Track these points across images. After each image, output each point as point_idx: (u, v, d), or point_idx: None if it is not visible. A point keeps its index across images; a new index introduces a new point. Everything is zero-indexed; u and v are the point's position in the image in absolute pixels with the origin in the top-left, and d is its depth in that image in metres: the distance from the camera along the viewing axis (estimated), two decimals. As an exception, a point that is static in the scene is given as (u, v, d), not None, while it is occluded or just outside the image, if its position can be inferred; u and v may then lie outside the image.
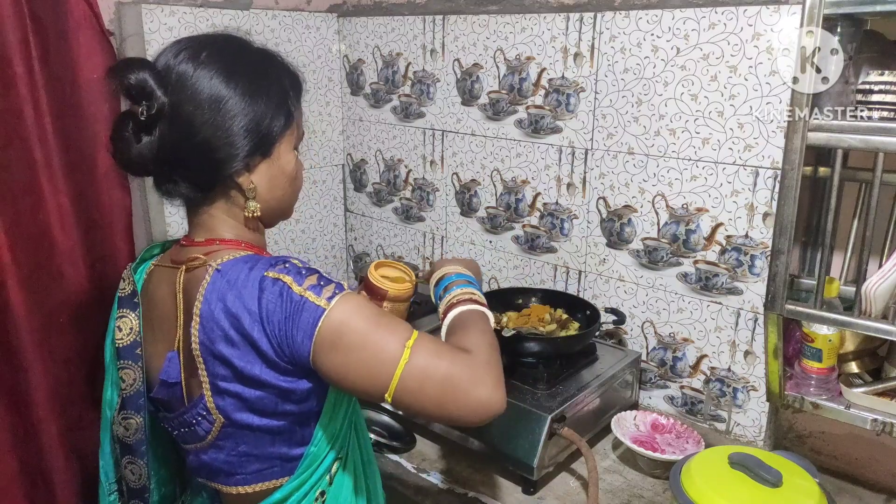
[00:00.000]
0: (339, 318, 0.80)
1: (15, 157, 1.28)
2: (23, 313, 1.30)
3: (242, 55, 0.90)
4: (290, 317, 0.80)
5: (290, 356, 0.81)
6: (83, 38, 1.36)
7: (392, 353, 0.80)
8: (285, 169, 0.92)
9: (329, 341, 0.80)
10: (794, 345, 1.25)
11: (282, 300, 0.80)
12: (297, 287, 0.81)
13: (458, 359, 0.83)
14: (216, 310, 0.82)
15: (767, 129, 1.24)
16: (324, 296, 0.81)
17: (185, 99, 0.84)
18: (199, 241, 0.91)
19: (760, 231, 1.28)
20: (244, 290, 0.81)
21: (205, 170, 0.87)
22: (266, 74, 0.90)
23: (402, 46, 1.79)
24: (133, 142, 0.85)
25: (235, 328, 0.81)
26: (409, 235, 1.93)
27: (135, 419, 0.95)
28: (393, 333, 0.82)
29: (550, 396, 1.26)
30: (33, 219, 1.32)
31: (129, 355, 0.94)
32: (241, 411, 0.85)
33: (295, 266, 0.84)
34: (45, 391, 1.35)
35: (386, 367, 0.80)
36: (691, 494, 0.96)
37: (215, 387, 0.84)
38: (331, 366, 0.81)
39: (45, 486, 1.38)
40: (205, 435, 0.88)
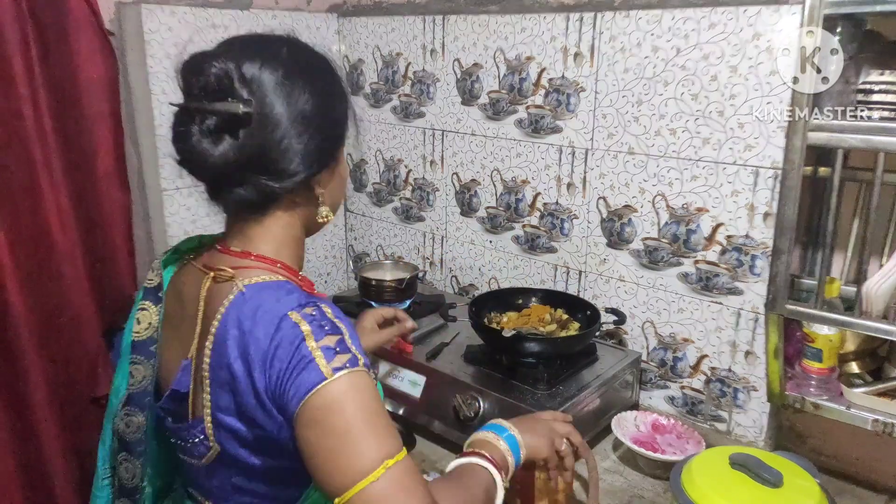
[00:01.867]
0: (335, 394, 0.73)
1: (14, 157, 1.28)
2: (22, 313, 1.30)
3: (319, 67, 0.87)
4: (292, 369, 0.74)
5: (279, 406, 0.75)
6: (83, 37, 1.36)
7: (366, 462, 0.72)
8: (342, 174, 0.91)
9: (313, 415, 0.73)
10: (794, 345, 1.25)
11: (291, 348, 0.74)
12: (312, 342, 0.74)
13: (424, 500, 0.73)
14: (230, 335, 0.77)
15: (768, 129, 1.23)
16: (332, 364, 0.73)
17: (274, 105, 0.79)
18: (234, 252, 0.85)
19: (761, 231, 1.28)
20: (261, 321, 0.76)
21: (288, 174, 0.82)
22: (335, 83, 0.87)
23: (402, 46, 1.79)
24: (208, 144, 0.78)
25: (242, 359, 0.76)
26: (409, 235, 1.93)
27: (137, 417, 0.92)
28: (378, 441, 0.73)
29: (550, 397, 1.26)
30: (33, 219, 1.32)
31: (143, 351, 0.91)
32: (238, 447, 0.81)
33: (323, 316, 0.77)
34: (44, 391, 1.35)
35: (352, 473, 0.71)
36: (692, 495, 0.96)
37: (214, 416, 0.80)
38: (304, 439, 0.74)
39: (44, 485, 1.38)
40: (200, 457, 0.84)
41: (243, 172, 0.81)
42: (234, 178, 0.81)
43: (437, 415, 1.35)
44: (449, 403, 1.31)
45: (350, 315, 1.63)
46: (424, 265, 1.90)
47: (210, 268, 0.85)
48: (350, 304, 1.67)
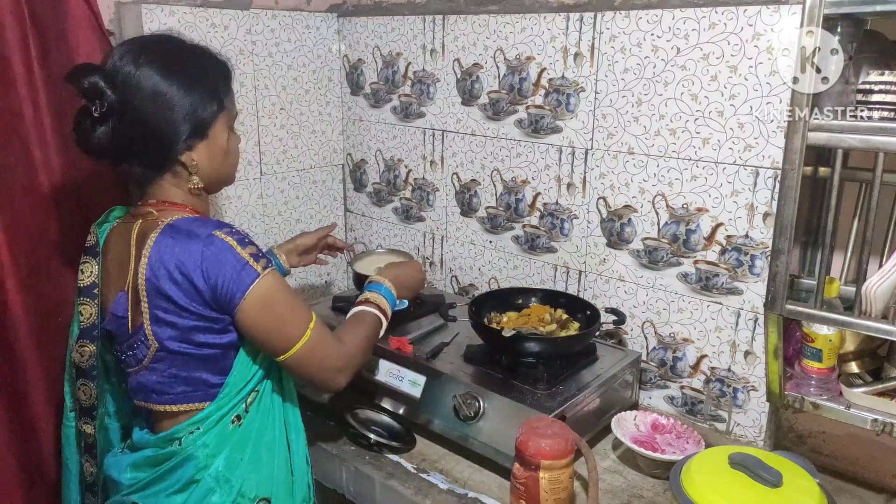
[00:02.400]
0: (269, 286, 1.02)
1: (14, 156, 1.28)
2: (21, 313, 1.30)
3: (176, 53, 1.07)
4: (233, 273, 0.99)
5: (219, 301, 1.00)
6: (83, 37, 1.36)
7: (301, 328, 1.05)
8: (221, 146, 1.11)
9: (260, 302, 1.01)
10: (794, 345, 1.25)
11: (225, 257, 0.99)
12: (241, 251, 1.01)
13: (336, 347, 1.10)
14: (165, 255, 1.00)
15: (767, 129, 1.24)
16: (260, 265, 1.02)
17: (131, 96, 1.01)
18: (152, 203, 1.09)
19: (760, 231, 1.28)
20: (192, 241, 1.00)
21: (154, 153, 1.05)
22: (198, 68, 1.07)
23: (402, 46, 1.79)
24: (91, 132, 1.02)
25: (180, 270, 0.99)
26: (409, 235, 1.93)
27: (89, 347, 1.16)
28: (302, 314, 1.06)
29: (550, 396, 1.26)
30: (32, 218, 1.32)
31: (88, 294, 1.14)
32: (173, 339, 1.03)
33: (238, 233, 1.03)
34: (43, 391, 1.35)
35: (293, 337, 1.04)
36: (691, 495, 0.96)
37: (154, 316, 1.02)
38: (256, 320, 1.02)
39: (44, 485, 1.38)
40: (142, 358, 1.05)
41: (122, 152, 1.05)
42: (117, 156, 1.06)
43: (437, 414, 1.35)
44: (449, 403, 1.31)
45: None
46: (424, 265, 1.90)
47: (137, 216, 1.08)
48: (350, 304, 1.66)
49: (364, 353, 1.16)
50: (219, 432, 1.07)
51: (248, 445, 1.09)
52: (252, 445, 1.09)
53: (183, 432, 1.06)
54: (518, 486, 1.11)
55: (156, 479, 1.08)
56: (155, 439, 1.09)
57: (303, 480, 1.17)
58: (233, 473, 1.07)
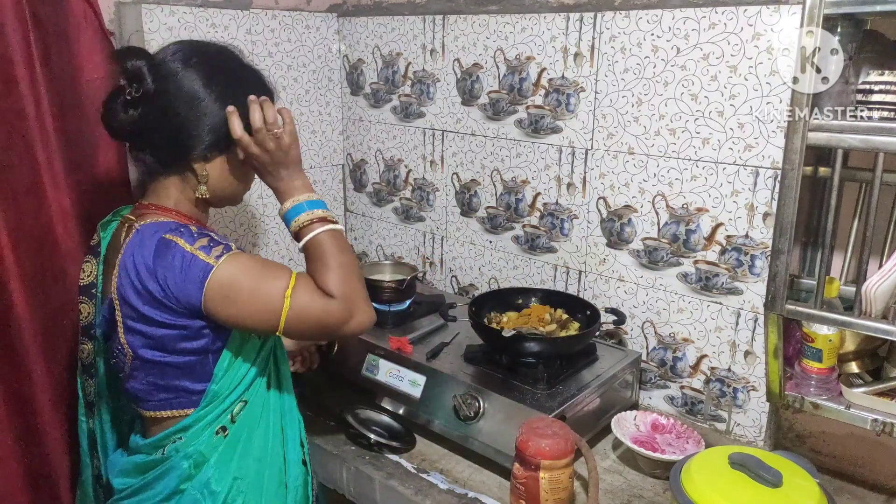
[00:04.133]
0: (227, 273, 0.96)
1: (17, 157, 1.28)
2: (26, 315, 1.30)
3: (225, 67, 1.07)
4: (181, 272, 0.95)
5: (182, 303, 0.96)
6: (84, 37, 1.36)
7: (275, 303, 0.97)
8: (238, 168, 1.09)
9: (221, 294, 0.96)
10: (794, 345, 1.25)
11: (172, 257, 0.96)
12: (189, 246, 0.96)
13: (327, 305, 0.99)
14: (128, 262, 0.98)
15: (767, 129, 1.24)
16: (213, 254, 0.96)
17: (168, 90, 1.01)
18: (144, 204, 1.08)
19: (760, 231, 1.28)
20: (145, 247, 0.97)
21: (170, 149, 1.04)
22: (241, 87, 1.05)
23: (402, 46, 1.79)
24: (119, 112, 1.02)
25: (139, 279, 0.97)
26: (409, 235, 1.93)
27: (87, 345, 1.17)
28: (275, 282, 0.98)
29: (550, 396, 1.26)
30: (36, 219, 1.31)
31: (86, 293, 1.14)
32: (146, 348, 1.01)
33: (188, 230, 0.99)
34: (48, 394, 1.35)
35: (273, 314, 0.97)
36: (691, 495, 0.96)
37: (126, 325, 1.00)
38: (226, 315, 0.97)
39: (49, 489, 1.38)
40: (123, 366, 1.05)
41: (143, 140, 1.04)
42: (137, 143, 1.06)
43: (437, 414, 1.35)
44: (449, 403, 1.32)
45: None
46: (424, 265, 1.90)
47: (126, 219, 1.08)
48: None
49: (356, 279, 1.04)
50: (204, 442, 1.04)
51: (234, 457, 1.06)
52: (239, 458, 1.06)
53: (167, 440, 1.05)
54: (518, 486, 1.11)
55: (143, 486, 1.06)
56: (144, 444, 1.08)
57: (299, 493, 1.14)
58: (220, 485, 1.04)
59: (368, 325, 1.03)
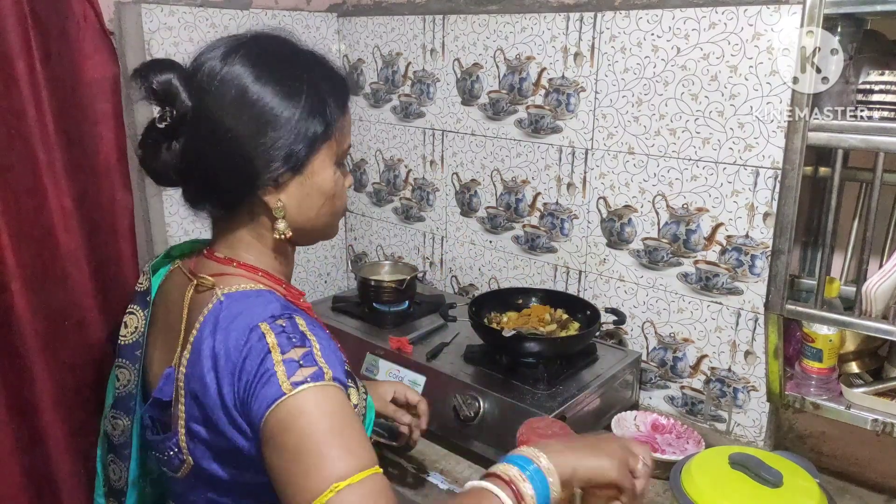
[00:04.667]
0: (293, 410, 0.69)
1: (18, 158, 1.27)
2: (27, 317, 1.30)
3: (277, 55, 0.81)
4: (256, 384, 0.71)
5: (248, 420, 0.73)
6: (84, 37, 1.35)
7: (314, 484, 0.65)
8: (321, 186, 0.82)
9: (272, 430, 0.70)
10: (794, 345, 1.25)
11: (257, 361, 0.72)
12: (277, 355, 0.72)
13: None
14: (205, 345, 0.76)
15: (768, 129, 1.24)
16: (293, 378, 0.70)
17: (209, 102, 0.77)
18: (219, 258, 0.84)
19: (761, 231, 1.28)
20: (232, 333, 0.74)
21: (228, 185, 0.79)
22: (301, 77, 0.80)
23: (402, 46, 1.79)
24: (158, 149, 0.79)
25: (213, 371, 0.74)
26: (409, 235, 1.93)
27: (122, 421, 0.92)
28: (330, 461, 0.67)
29: (550, 397, 1.26)
30: (36, 220, 1.31)
31: (129, 355, 0.91)
32: (210, 460, 0.79)
33: (293, 327, 0.75)
34: (50, 396, 1.34)
35: (300, 495, 0.66)
36: (692, 495, 0.96)
37: (188, 426, 0.78)
38: (264, 455, 0.72)
39: (51, 491, 1.37)
40: (176, 471, 0.83)
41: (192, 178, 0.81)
42: (189, 185, 0.82)
43: (437, 415, 1.35)
44: (449, 403, 1.31)
45: (350, 315, 1.64)
46: (424, 265, 1.90)
47: (195, 274, 0.84)
48: (349, 304, 1.67)
49: None
50: None
51: None
52: None
53: None
54: None
55: None
56: None
57: None
58: None
59: None
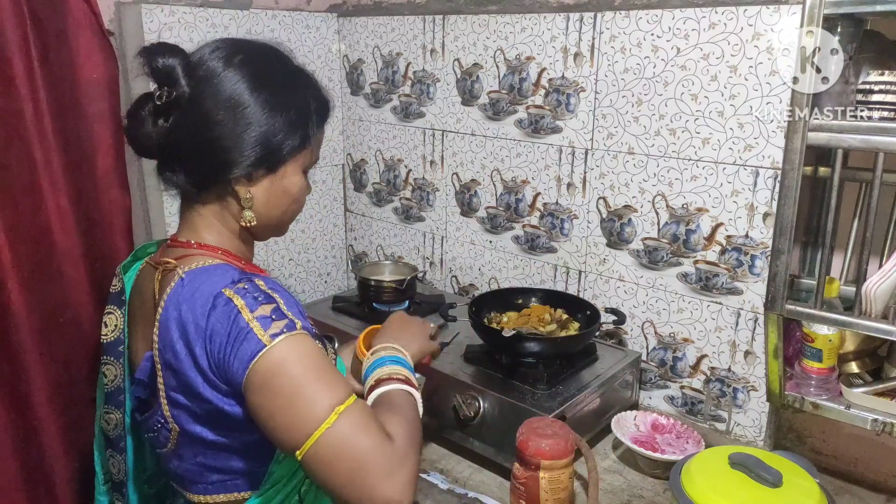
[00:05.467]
0: (277, 358, 0.76)
1: (15, 157, 1.28)
2: (23, 313, 1.30)
3: (275, 67, 0.91)
4: (233, 342, 0.77)
5: (225, 380, 0.79)
6: (83, 37, 1.35)
7: (318, 412, 0.75)
8: (288, 188, 0.91)
9: (260, 380, 0.76)
10: (794, 345, 1.25)
11: (228, 323, 0.78)
12: (248, 314, 0.78)
13: (382, 443, 0.77)
14: (171, 318, 0.81)
15: (767, 129, 1.24)
16: (270, 331, 0.77)
17: (206, 94, 0.85)
18: (182, 242, 0.91)
19: (760, 231, 1.28)
20: (197, 301, 0.80)
21: (206, 167, 0.87)
22: (293, 92, 0.90)
23: (402, 46, 1.79)
24: (146, 122, 0.86)
25: (182, 339, 0.80)
26: (409, 235, 1.93)
27: (115, 414, 0.97)
28: (327, 391, 0.77)
29: (550, 396, 1.26)
30: (33, 219, 1.31)
31: (112, 352, 0.96)
32: (194, 423, 0.84)
33: (255, 288, 0.81)
34: (45, 391, 1.35)
35: (307, 424, 0.75)
36: (691, 495, 0.96)
37: (168, 396, 0.84)
38: (255, 404, 0.78)
39: (46, 486, 1.38)
40: (165, 442, 0.88)
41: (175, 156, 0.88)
42: (168, 160, 0.89)
43: (437, 415, 1.35)
44: (449, 403, 1.31)
45: (350, 315, 1.64)
46: (424, 265, 1.90)
47: (159, 262, 0.90)
48: (349, 304, 1.67)
49: (418, 448, 0.85)
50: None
51: None
52: None
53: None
54: (518, 486, 1.11)
55: None
56: None
57: None
58: None
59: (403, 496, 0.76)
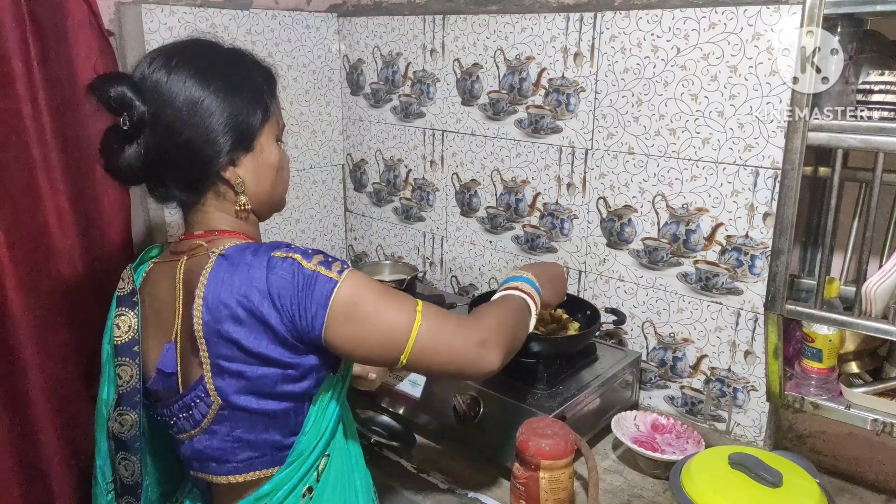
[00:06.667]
0: (350, 290, 0.86)
1: (13, 156, 1.28)
2: (21, 312, 1.30)
3: (212, 56, 0.94)
4: (304, 290, 0.84)
5: (301, 330, 0.85)
6: (82, 38, 1.35)
7: (405, 319, 0.88)
8: (269, 160, 0.96)
9: (344, 313, 0.85)
10: (794, 345, 1.25)
11: (293, 275, 0.84)
12: (308, 263, 0.86)
13: (464, 320, 0.93)
14: (222, 291, 0.85)
15: (767, 129, 1.24)
16: (334, 270, 0.86)
17: (163, 105, 0.88)
18: (199, 234, 0.95)
19: (760, 231, 1.28)
20: (252, 269, 0.85)
21: (192, 169, 0.91)
22: (238, 72, 0.94)
23: (402, 46, 1.79)
24: (120, 152, 0.89)
25: (244, 306, 0.84)
26: (409, 235, 1.93)
27: (130, 415, 0.98)
28: (402, 302, 0.89)
29: (550, 396, 1.26)
30: (32, 218, 1.32)
31: (127, 352, 0.97)
32: (240, 393, 0.88)
33: (297, 247, 0.89)
34: (42, 390, 1.35)
35: (402, 332, 0.87)
36: (691, 495, 0.96)
37: (217, 367, 0.87)
38: (347, 336, 0.86)
39: (43, 483, 1.38)
40: (201, 419, 0.90)
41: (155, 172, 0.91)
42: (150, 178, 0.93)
43: (436, 415, 1.35)
44: (449, 403, 1.31)
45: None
46: (424, 265, 1.90)
47: (181, 252, 0.94)
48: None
49: (507, 327, 0.97)
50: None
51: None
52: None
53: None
54: (518, 486, 1.11)
55: None
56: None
57: None
58: None
59: (491, 364, 0.93)
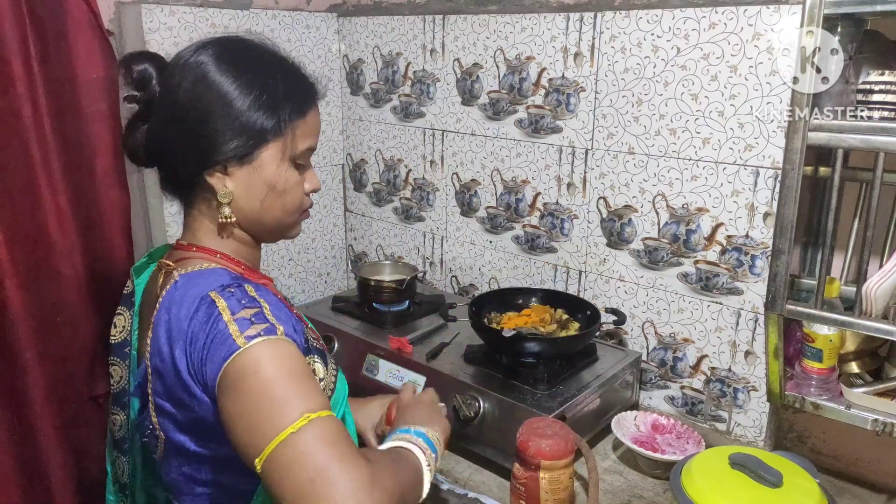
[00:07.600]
0: (249, 360, 0.71)
1: (13, 157, 1.28)
2: (20, 312, 1.31)
3: (245, 54, 0.87)
4: (209, 345, 0.74)
5: (203, 385, 0.76)
6: (82, 38, 1.35)
7: (285, 416, 0.68)
8: (266, 178, 0.86)
9: (229, 382, 0.71)
10: (794, 345, 1.25)
11: (208, 324, 0.75)
12: (228, 315, 0.74)
13: (353, 461, 0.67)
14: (161, 321, 0.79)
15: (768, 129, 1.23)
16: (246, 333, 0.73)
17: (175, 87, 0.84)
18: (183, 245, 0.90)
19: (761, 231, 1.28)
20: (185, 304, 0.78)
21: (182, 165, 0.86)
22: (262, 77, 0.85)
23: (402, 46, 1.78)
24: (132, 130, 0.88)
25: (168, 343, 0.78)
26: (409, 235, 1.93)
27: (119, 416, 0.97)
28: (300, 398, 0.70)
29: (550, 397, 1.26)
30: (31, 218, 1.32)
31: (119, 353, 0.96)
32: (177, 431, 0.81)
33: (243, 293, 0.78)
34: (42, 389, 1.35)
35: (271, 428, 0.68)
36: (692, 495, 0.96)
37: (155, 402, 0.82)
38: (223, 409, 0.72)
39: (42, 483, 1.39)
40: (155, 449, 0.86)
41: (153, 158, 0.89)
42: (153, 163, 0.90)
43: (436, 415, 1.35)
44: (449, 403, 1.31)
45: (350, 315, 1.64)
46: (424, 265, 1.90)
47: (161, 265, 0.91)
48: (349, 305, 1.67)
49: (400, 493, 0.75)
50: None
51: None
52: None
53: None
54: (518, 487, 1.11)
55: None
56: None
57: None
58: None
59: None
